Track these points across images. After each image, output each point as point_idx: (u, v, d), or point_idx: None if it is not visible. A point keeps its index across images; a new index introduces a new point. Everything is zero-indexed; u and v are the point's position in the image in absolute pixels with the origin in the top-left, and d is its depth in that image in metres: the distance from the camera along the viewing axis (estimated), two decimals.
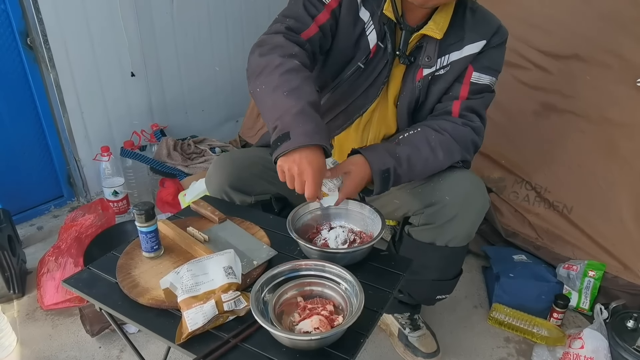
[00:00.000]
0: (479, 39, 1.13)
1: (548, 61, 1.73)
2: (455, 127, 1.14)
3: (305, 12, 1.10)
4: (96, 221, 1.81)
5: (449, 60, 1.14)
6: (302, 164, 0.92)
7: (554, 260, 1.69)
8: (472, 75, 1.16)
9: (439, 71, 1.16)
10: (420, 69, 1.15)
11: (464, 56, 1.14)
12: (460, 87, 1.17)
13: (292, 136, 0.92)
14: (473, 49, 1.14)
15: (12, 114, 1.94)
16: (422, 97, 1.19)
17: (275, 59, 1.02)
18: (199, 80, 2.55)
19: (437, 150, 1.10)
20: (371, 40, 1.14)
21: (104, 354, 1.44)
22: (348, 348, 0.80)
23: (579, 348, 1.36)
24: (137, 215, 0.95)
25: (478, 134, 1.17)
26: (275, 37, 1.07)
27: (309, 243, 0.99)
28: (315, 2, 1.11)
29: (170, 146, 2.24)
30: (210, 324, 0.83)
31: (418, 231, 1.22)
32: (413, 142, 1.11)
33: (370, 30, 1.13)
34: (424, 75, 1.15)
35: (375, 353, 1.48)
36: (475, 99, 1.17)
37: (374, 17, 1.12)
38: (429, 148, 1.10)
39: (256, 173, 1.27)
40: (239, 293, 0.87)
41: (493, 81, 1.18)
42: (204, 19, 2.46)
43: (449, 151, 1.12)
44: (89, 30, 2.00)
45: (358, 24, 1.13)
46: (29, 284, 1.71)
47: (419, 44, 1.14)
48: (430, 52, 1.13)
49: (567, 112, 1.69)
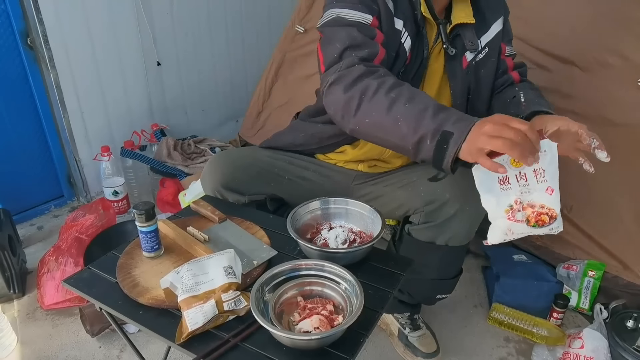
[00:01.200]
0: (499, 15, 1.19)
1: (548, 60, 1.72)
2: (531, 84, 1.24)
3: (365, 37, 1.02)
4: (96, 221, 1.81)
5: (483, 44, 1.18)
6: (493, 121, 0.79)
7: (554, 260, 1.69)
8: (506, 49, 1.24)
9: (479, 55, 1.19)
10: (464, 57, 1.17)
11: (494, 36, 1.19)
12: (504, 61, 1.24)
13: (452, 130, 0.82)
14: (498, 26, 1.19)
15: (12, 114, 1.94)
16: (473, 83, 1.20)
17: (370, 85, 0.93)
18: (199, 80, 2.55)
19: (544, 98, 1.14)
20: (407, 46, 1.11)
21: (104, 354, 1.45)
22: (348, 348, 0.80)
23: (579, 348, 1.36)
24: (137, 215, 0.95)
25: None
26: (353, 70, 0.97)
27: (309, 243, 0.99)
28: (365, 26, 1.04)
29: (171, 146, 2.24)
30: (211, 323, 0.83)
31: (418, 230, 1.22)
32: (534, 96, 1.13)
33: (405, 37, 1.10)
34: (469, 61, 1.18)
35: (375, 353, 1.48)
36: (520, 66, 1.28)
37: (407, 23, 1.10)
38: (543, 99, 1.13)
39: (252, 174, 1.27)
40: (239, 293, 0.87)
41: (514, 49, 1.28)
42: (204, 19, 2.47)
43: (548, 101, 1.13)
44: (89, 30, 2.00)
45: (396, 35, 1.09)
46: (29, 284, 1.71)
47: (455, 34, 1.16)
48: (470, 37, 1.16)
49: (567, 111, 1.69)
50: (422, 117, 0.85)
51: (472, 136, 0.81)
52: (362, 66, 0.98)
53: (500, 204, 0.88)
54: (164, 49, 2.32)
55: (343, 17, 1.05)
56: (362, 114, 0.93)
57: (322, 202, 1.11)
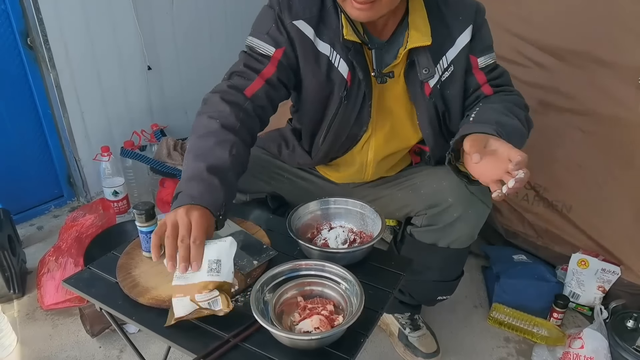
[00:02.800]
0: (466, 25, 1.07)
1: (547, 59, 1.72)
2: (507, 97, 1.09)
3: (247, 68, 1.07)
4: (96, 221, 1.81)
5: (449, 61, 1.09)
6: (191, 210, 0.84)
7: (554, 260, 1.69)
8: (477, 62, 1.11)
9: (444, 75, 1.10)
10: (426, 83, 1.09)
11: (460, 50, 1.08)
12: (474, 77, 1.12)
13: (179, 197, 0.88)
14: (465, 38, 1.08)
15: (12, 114, 1.94)
16: (441, 107, 1.12)
17: (201, 121, 1.01)
18: (199, 80, 2.55)
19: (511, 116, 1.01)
20: (343, 70, 1.07)
21: (104, 354, 1.45)
22: (348, 348, 0.80)
23: (579, 348, 1.36)
24: (137, 215, 0.95)
25: (522, 97, 1.11)
26: (213, 96, 1.06)
27: (309, 243, 0.99)
28: (258, 57, 1.07)
29: (171, 146, 2.24)
30: (194, 315, 0.82)
31: (420, 232, 1.22)
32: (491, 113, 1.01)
33: (338, 60, 1.07)
34: (432, 87, 1.09)
35: (375, 353, 1.48)
36: (497, 77, 1.13)
37: (336, 46, 1.06)
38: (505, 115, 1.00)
39: (253, 172, 1.27)
40: (217, 294, 0.81)
41: (494, 57, 1.14)
42: (204, 19, 2.46)
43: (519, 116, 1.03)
44: (89, 30, 2.00)
45: (321, 59, 1.07)
46: (29, 284, 1.71)
47: (410, 60, 1.07)
48: (424, 63, 1.06)
49: (566, 110, 1.69)
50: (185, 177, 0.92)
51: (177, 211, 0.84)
52: (218, 97, 1.04)
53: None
54: (164, 49, 2.32)
55: (249, 44, 1.10)
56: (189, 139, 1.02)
57: (322, 202, 1.11)
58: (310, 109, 1.16)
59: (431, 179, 1.19)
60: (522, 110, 1.07)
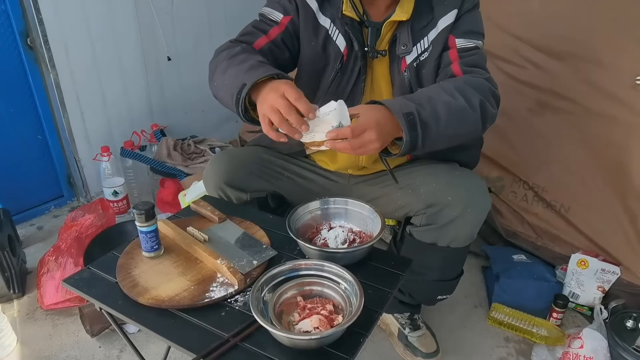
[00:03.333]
0: (450, 9, 1.12)
1: (545, 59, 1.72)
2: (467, 78, 1.08)
3: (255, 29, 1.19)
4: (96, 221, 1.81)
5: (429, 41, 1.14)
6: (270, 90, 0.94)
7: (553, 260, 1.69)
8: (455, 41, 1.13)
9: (423, 55, 1.15)
10: (403, 58, 1.15)
11: (440, 30, 1.13)
12: (448, 53, 1.13)
13: (247, 82, 0.97)
14: (447, 20, 1.12)
15: (12, 114, 1.94)
16: (415, 85, 1.16)
17: (223, 55, 1.11)
18: (199, 80, 2.54)
19: (455, 94, 1.01)
20: (340, 44, 1.16)
21: (104, 354, 1.45)
22: (348, 347, 0.80)
23: (579, 348, 1.36)
24: (137, 215, 0.95)
25: (492, 84, 1.10)
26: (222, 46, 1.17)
27: (308, 243, 0.99)
28: (267, 22, 1.19)
29: (170, 146, 2.24)
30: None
31: (420, 232, 1.22)
32: (427, 91, 1.04)
33: (336, 34, 1.16)
34: (408, 64, 1.15)
35: (375, 353, 1.48)
36: (470, 56, 1.13)
37: (336, 22, 1.15)
38: (446, 93, 1.01)
39: (252, 171, 1.28)
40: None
41: (480, 44, 1.15)
42: (204, 19, 2.46)
43: (466, 96, 1.02)
44: (89, 30, 2.00)
45: (320, 31, 1.17)
46: (29, 284, 1.71)
47: (394, 37, 1.15)
48: (404, 39, 1.12)
49: (564, 110, 1.69)
50: (238, 76, 1.00)
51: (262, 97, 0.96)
52: (228, 43, 1.16)
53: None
54: (164, 49, 2.32)
55: (261, 12, 1.22)
56: (215, 81, 1.10)
57: (321, 202, 1.11)
58: (306, 80, 1.23)
59: (430, 178, 1.20)
60: (478, 94, 1.04)
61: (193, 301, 0.88)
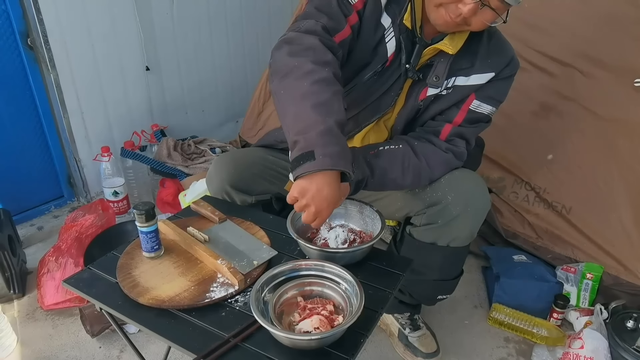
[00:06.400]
0: (489, 70, 1.11)
1: (547, 62, 1.73)
2: (436, 153, 1.13)
3: (340, 11, 1.04)
4: (96, 221, 1.81)
5: (454, 84, 1.13)
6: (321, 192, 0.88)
7: (553, 260, 1.69)
8: (472, 103, 1.14)
9: (442, 93, 1.14)
10: (426, 88, 1.13)
11: (469, 84, 1.12)
12: (457, 112, 1.15)
13: (316, 156, 0.86)
14: (480, 80, 1.12)
15: (12, 114, 1.94)
16: (419, 114, 1.19)
17: (307, 63, 0.94)
18: (199, 81, 2.55)
19: (407, 173, 1.10)
20: (389, 48, 1.11)
21: (104, 354, 1.45)
22: (348, 348, 0.80)
23: (579, 348, 1.36)
24: (138, 215, 0.95)
25: (459, 158, 1.16)
26: (308, 37, 0.99)
27: (308, 243, 0.99)
28: (346, 2, 1.06)
29: (171, 146, 2.24)
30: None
31: (420, 231, 1.22)
32: (390, 159, 1.10)
33: (390, 37, 1.10)
34: (428, 95, 1.14)
35: (375, 353, 1.48)
36: (468, 127, 1.16)
37: (395, 24, 1.09)
38: (401, 169, 1.09)
39: (257, 173, 1.27)
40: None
41: (493, 111, 1.17)
42: (204, 20, 2.46)
43: (418, 177, 1.12)
44: (89, 30, 2.00)
45: (379, 29, 1.10)
46: (29, 284, 1.71)
47: (430, 62, 1.12)
48: (439, 71, 1.10)
49: (566, 112, 1.70)
50: (311, 128, 0.89)
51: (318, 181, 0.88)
52: (317, 39, 0.98)
53: None
54: (164, 49, 2.32)
55: None
56: (284, 85, 0.96)
57: None
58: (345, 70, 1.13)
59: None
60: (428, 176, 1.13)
61: (193, 301, 0.88)
